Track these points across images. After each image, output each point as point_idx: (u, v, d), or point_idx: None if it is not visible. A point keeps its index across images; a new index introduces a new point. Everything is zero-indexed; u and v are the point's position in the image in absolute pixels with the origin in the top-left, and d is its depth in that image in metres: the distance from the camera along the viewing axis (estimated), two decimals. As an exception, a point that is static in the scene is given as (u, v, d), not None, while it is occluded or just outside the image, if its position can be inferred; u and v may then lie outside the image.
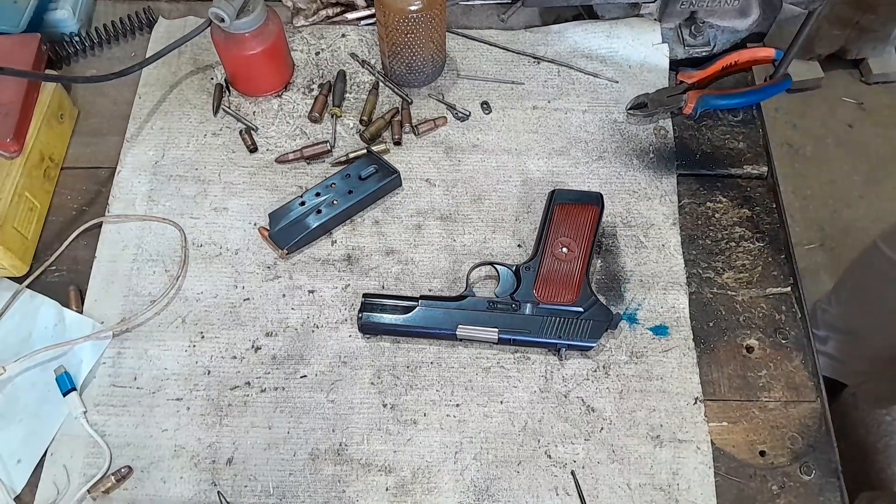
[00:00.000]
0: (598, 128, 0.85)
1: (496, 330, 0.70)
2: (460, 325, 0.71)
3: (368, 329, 0.73)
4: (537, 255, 0.74)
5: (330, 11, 0.92)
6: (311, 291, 0.76)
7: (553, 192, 0.77)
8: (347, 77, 0.89)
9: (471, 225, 0.80)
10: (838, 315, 1.29)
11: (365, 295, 0.73)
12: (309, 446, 0.69)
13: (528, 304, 0.72)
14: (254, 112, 0.87)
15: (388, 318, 0.72)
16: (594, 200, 0.76)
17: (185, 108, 0.87)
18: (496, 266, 0.75)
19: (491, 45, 0.91)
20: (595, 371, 0.72)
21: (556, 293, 0.72)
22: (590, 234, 0.74)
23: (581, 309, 0.71)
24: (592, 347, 0.71)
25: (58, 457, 0.68)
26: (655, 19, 0.91)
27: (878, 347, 1.21)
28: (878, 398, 1.24)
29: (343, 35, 0.92)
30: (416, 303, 0.72)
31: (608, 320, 0.71)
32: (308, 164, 0.83)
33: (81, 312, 0.74)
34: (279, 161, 0.83)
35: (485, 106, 0.87)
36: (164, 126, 0.85)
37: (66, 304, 0.74)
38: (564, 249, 0.73)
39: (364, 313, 0.72)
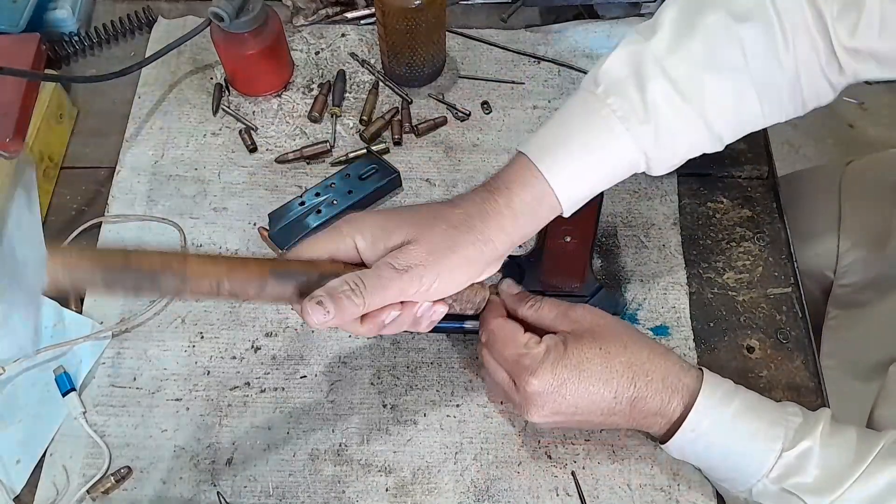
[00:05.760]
0: (598, 128, 0.85)
1: None
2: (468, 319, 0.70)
3: (368, 329, 0.72)
4: (540, 246, 0.73)
5: (330, 11, 0.92)
6: (311, 291, 0.76)
7: None
8: (347, 77, 0.88)
9: (471, 225, 0.79)
10: None
11: (365, 295, 0.73)
12: (309, 447, 0.68)
13: None
14: (253, 112, 0.86)
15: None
16: None
17: (185, 107, 0.87)
18: None
19: (491, 44, 0.91)
20: (595, 371, 0.72)
21: (561, 281, 0.71)
22: (591, 220, 0.74)
23: (586, 296, 0.71)
24: None
25: (57, 457, 0.68)
26: (656, 19, 0.91)
27: None
28: None
29: (343, 35, 0.92)
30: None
31: (614, 306, 0.70)
32: (308, 163, 0.83)
33: (81, 312, 0.74)
34: (279, 161, 0.83)
35: (485, 106, 0.87)
36: (164, 126, 0.85)
37: (65, 304, 0.74)
38: (567, 237, 0.73)
39: (364, 313, 0.71)
